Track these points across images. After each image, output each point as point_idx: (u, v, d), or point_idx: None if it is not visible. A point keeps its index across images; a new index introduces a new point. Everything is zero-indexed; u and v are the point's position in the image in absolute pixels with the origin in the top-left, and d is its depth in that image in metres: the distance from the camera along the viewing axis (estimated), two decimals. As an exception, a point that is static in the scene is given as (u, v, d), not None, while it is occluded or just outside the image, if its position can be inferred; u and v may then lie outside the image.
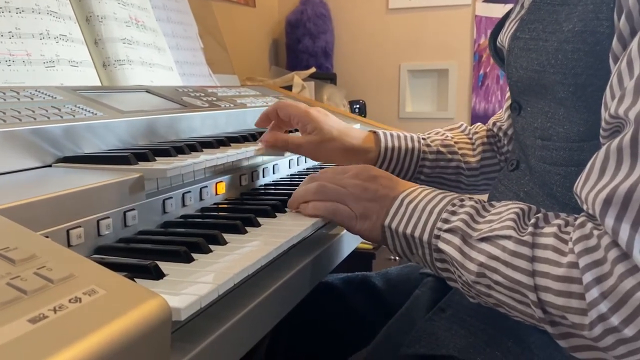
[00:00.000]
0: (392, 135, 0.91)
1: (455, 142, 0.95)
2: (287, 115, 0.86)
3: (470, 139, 0.96)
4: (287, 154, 0.93)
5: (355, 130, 0.90)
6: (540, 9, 0.65)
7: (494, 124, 0.97)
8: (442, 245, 0.59)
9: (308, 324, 0.94)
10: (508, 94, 0.90)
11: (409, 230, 0.62)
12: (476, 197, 0.64)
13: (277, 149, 0.86)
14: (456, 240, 0.58)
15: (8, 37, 0.83)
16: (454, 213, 0.60)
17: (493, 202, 0.61)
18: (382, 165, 0.90)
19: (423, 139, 0.94)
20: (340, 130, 0.87)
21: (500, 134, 0.95)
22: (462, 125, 0.99)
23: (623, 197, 0.47)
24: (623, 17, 0.53)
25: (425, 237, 0.61)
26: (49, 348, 0.29)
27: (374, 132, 0.91)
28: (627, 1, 0.52)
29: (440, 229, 0.59)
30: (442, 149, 0.93)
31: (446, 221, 0.59)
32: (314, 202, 0.70)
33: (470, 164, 0.94)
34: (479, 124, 1.00)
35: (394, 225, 0.64)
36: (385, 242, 0.66)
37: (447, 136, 0.96)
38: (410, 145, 0.91)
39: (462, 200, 0.62)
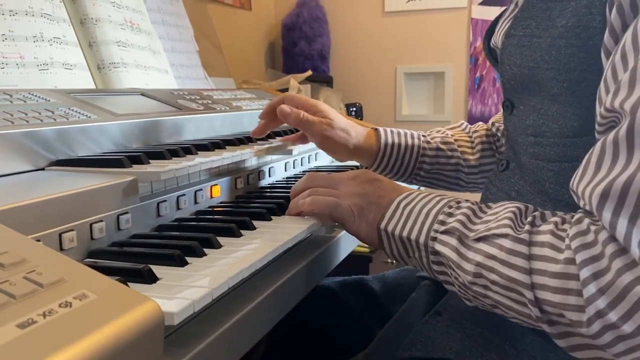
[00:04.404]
0: (392, 132, 0.93)
1: (455, 140, 0.96)
2: (296, 104, 0.87)
3: (470, 137, 0.97)
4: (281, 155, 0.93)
5: (359, 127, 0.91)
6: (534, 6, 0.66)
7: (493, 124, 0.99)
8: (438, 247, 0.58)
9: (304, 327, 0.94)
10: None
11: (405, 233, 0.62)
12: (472, 199, 0.64)
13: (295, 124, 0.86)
14: (453, 241, 0.57)
15: (1, 39, 0.82)
16: (450, 215, 0.59)
17: (490, 204, 0.61)
18: (382, 160, 0.91)
19: (423, 135, 0.95)
20: (348, 124, 0.89)
21: (499, 134, 0.96)
22: (462, 124, 1.00)
23: (620, 190, 0.46)
24: (614, 10, 0.53)
25: (422, 239, 0.60)
26: (38, 354, 0.28)
27: (375, 129, 0.92)
28: None
29: (436, 231, 0.59)
30: (442, 146, 0.94)
31: (443, 223, 0.59)
32: (314, 197, 0.69)
33: (469, 162, 0.95)
34: (480, 123, 1.02)
35: (390, 228, 0.63)
36: (381, 245, 0.65)
37: (447, 134, 0.97)
38: (410, 141, 0.93)
39: (458, 202, 0.61)
